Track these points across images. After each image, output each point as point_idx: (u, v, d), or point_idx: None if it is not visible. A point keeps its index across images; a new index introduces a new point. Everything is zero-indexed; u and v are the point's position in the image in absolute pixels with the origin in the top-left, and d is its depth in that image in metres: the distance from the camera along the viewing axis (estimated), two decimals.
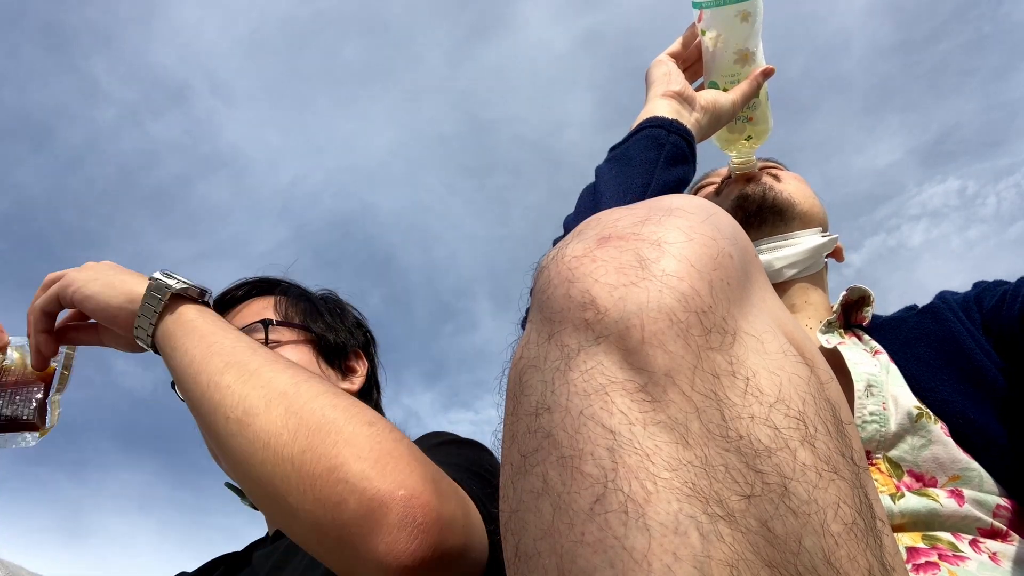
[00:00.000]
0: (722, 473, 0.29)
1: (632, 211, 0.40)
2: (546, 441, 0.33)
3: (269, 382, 0.55)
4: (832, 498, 0.30)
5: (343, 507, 0.47)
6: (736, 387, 0.32)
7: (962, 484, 0.60)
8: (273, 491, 0.50)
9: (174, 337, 0.61)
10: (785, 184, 0.89)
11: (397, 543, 0.46)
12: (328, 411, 0.52)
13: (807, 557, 0.28)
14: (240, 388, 0.54)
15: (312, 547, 0.50)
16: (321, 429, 0.51)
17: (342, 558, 0.48)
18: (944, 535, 0.57)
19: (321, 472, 0.49)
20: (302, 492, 0.48)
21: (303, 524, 0.49)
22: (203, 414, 0.56)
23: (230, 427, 0.53)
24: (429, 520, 0.48)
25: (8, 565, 0.74)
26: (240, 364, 0.57)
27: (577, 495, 0.30)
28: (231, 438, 0.53)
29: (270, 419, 0.52)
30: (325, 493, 0.48)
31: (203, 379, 0.56)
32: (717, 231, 0.37)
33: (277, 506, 0.50)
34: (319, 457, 0.49)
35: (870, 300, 0.81)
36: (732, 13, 0.79)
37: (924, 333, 0.73)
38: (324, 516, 0.47)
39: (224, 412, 0.54)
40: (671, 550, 0.28)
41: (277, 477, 0.49)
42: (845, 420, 0.35)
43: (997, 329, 0.69)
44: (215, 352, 0.58)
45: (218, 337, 0.60)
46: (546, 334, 0.36)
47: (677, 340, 0.32)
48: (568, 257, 0.37)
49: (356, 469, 0.48)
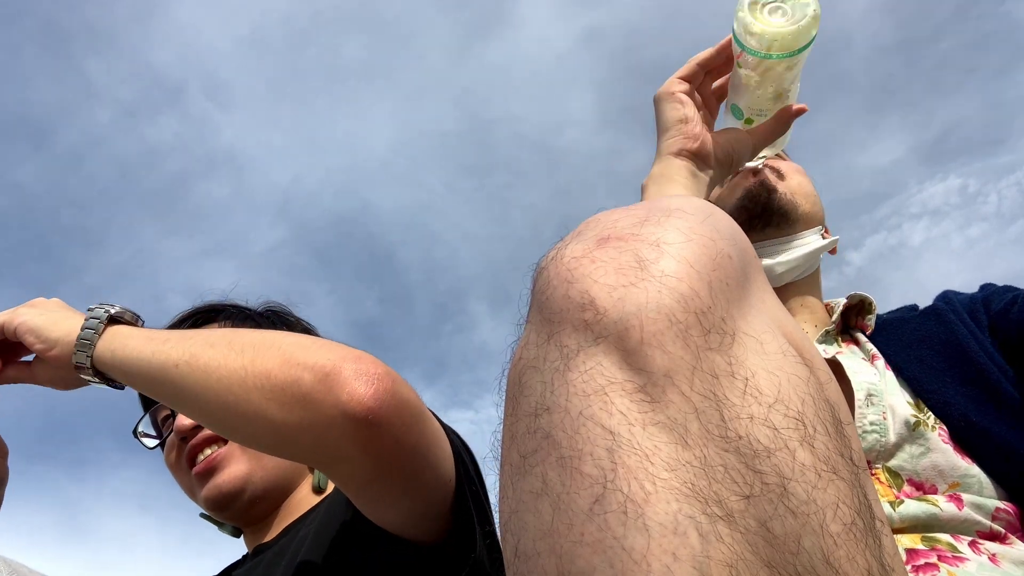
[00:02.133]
0: (721, 473, 0.30)
1: (631, 212, 0.40)
2: (545, 442, 0.33)
3: (209, 335, 0.61)
4: (831, 498, 0.30)
5: (300, 383, 0.53)
6: (735, 387, 0.32)
7: (962, 490, 0.60)
8: (234, 401, 0.55)
9: (114, 344, 0.67)
10: (789, 181, 0.87)
11: (356, 390, 0.53)
12: (264, 335, 0.60)
13: (806, 557, 0.28)
14: (182, 344, 0.61)
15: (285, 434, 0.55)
16: (262, 343, 0.58)
17: (313, 426, 0.53)
18: (943, 536, 0.57)
19: (273, 367, 0.55)
20: (260, 388, 0.54)
21: (274, 417, 0.54)
22: (156, 379, 0.61)
23: (181, 371, 0.58)
24: (380, 372, 0.55)
25: (10, 563, 0.74)
26: (179, 334, 0.63)
27: (576, 495, 0.31)
28: (184, 379, 0.58)
29: (216, 352, 0.58)
30: (281, 379, 0.54)
31: (147, 352, 0.62)
32: (716, 232, 0.37)
33: (245, 415, 0.55)
34: (267, 358, 0.56)
35: (872, 308, 0.80)
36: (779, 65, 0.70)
37: (926, 335, 0.72)
38: (286, 398, 0.53)
39: (172, 364, 0.59)
40: (670, 550, 0.28)
41: (235, 387, 0.55)
42: (844, 420, 0.35)
43: (1004, 333, 0.69)
44: (155, 337, 0.64)
45: (156, 333, 0.67)
46: (545, 335, 0.36)
47: (676, 341, 0.32)
48: (567, 258, 0.37)
49: (302, 354, 0.55)
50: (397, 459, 0.55)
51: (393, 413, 0.54)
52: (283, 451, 0.59)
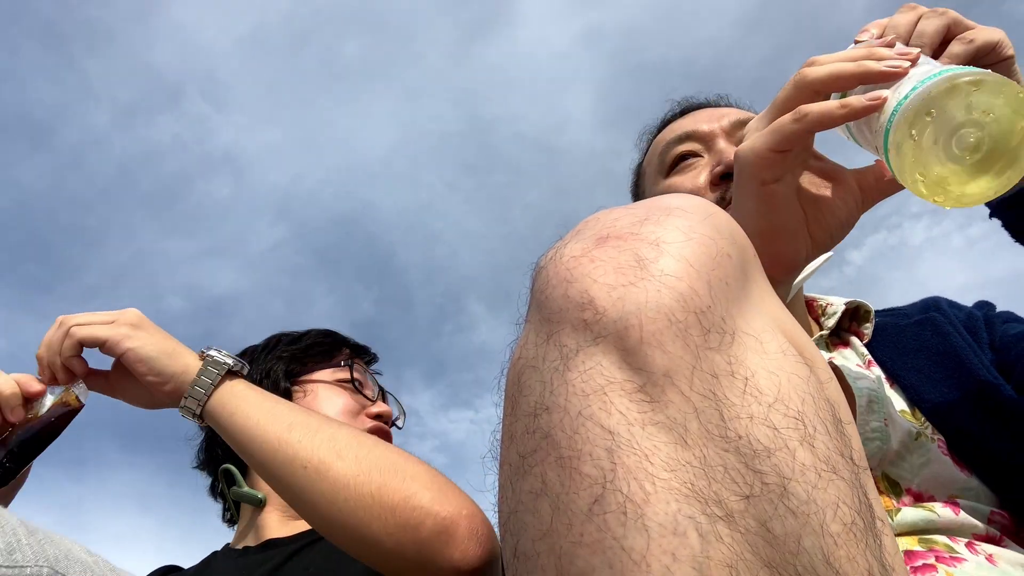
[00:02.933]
0: (721, 473, 0.29)
1: (631, 211, 0.39)
2: (544, 442, 0.33)
3: (333, 436, 0.66)
4: (831, 498, 0.30)
5: (421, 528, 0.60)
6: (735, 387, 0.32)
7: (960, 499, 0.60)
8: (357, 523, 0.61)
9: (231, 405, 0.70)
10: None
11: (468, 551, 0.60)
12: (389, 455, 0.65)
13: (806, 557, 0.28)
14: (310, 442, 0.65)
15: (392, 565, 0.61)
16: (389, 469, 0.63)
17: (421, 569, 0.60)
18: (940, 538, 0.57)
19: (398, 502, 0.61)
20: (383, 520, 0.60)
21: (386, 547, 0.60)
22: (276, 466, 0.65)
23: (309, 475, 0.63)
24: (485, 532, 0.62)
25: (29, 525, 0.72)
26: (302, 423, 0.67)
27: (576, 496, 0.30)
28: (312, 484, 0.62)
29: (345, 465, 0.63)
30: (404, 518, 0.60)
31: (272, 437, 0.66)
32: (716, 231, 0.37)
33: (360, 537, 0.61)
34: (394, 490, 0.61)
35: (869, 316, 0.78)
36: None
37: (923, 345, 0.72)
38: (404, 537, 0.60)
39: (300, 463, 0.63)
40: (670, 551, 0.28)
41: (360, 511, 0.61)
42: (844, 420, 0.35)
43: (1009, 358, 0.68)
44: (275, 415, 0.68)
45: (271, 403, 0.70)
46: (544, 334, 0.36)
47: (676, 340, 0.32)
48: (566, 257, 0.37)
49: (426, 497, 0.61)
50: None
51: (488, 565, 0.62)
52: (378, 568, 0.64)
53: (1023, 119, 0.43)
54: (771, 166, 0.51)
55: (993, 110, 0.43)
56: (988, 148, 0.44)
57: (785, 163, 0.51)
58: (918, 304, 0.82)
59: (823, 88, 0.50)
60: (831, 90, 0.51)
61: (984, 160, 0.45)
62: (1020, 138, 0.43)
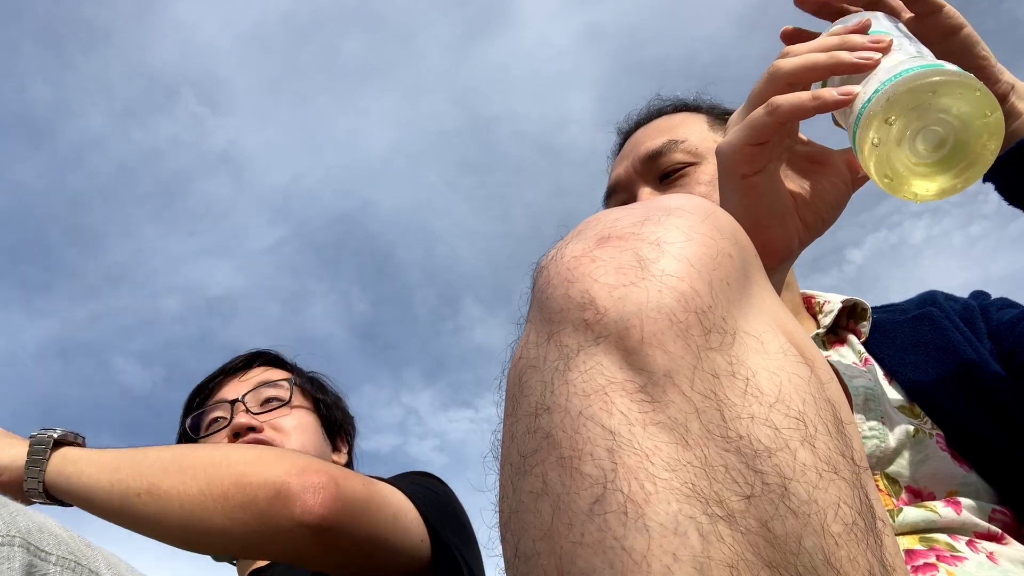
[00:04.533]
0: (722, 473, 0.29)
1: (631, 211, 0.39)
2: (545, 442, 0.33)
3: (158, 458, 0.67)
4: (832, 498, 0.30)
5: (256, 502, 0.61)
6: (736, 387, 0.32)
7: (960, 495, 0.60)
8: (200, 523, 0.62)
9: (66, 471, 0.70)
10: None
11: (306, 503, 0.61)
12: (214, 452, 0.67)
13: (807, 558, 0.28)
14: (137, 472, 0.66)
15: (251, 546, 0.63)
16: (212, 463, 0.64)
17: (275, 537, 0.61)
18: (941, 537, 0.57)
19: (228, 487, 0.62)
20: (222, 510, 0.61)
21: (237, 533, 0.61)
22: (117, 508, 0.66)
23: (144, 501, 0.64)
24: (323, 480, 0.62)
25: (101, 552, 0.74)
26: (128, 460, 0.68)
27: (576, 496, 0.30)
28: (149, 508, 0.63)
29: (172, 478, 0.64)
30: (238, 500, 0.61)
31: (104, 483, 0.67)
32: (717, 231, 0.37)
33: (211, 534, 0.62)
34: (221, 479, 0.62)
35: (867, 314, 0.78)
36: None
37: (921, 340, 0.72)
38: (247, 516, 0.61)
39: (134, 493, 0.64)
40: (671, 551, 0.28)
41: (198, 510, 0.62)
42: (845, 420, 0.35)
43: (1007, 343, 0.68)
44: (104, 464, 0.69)
45: (102, 456, 0.71)
46: (545, 334, 0.36)
47: (677, 340, 0.32)
48: (567, 257, 0.37)
49: (253, 472, 0.63)
50: (357, 548, 0.64)
51: (343, 512, 0.62)
52: (252, 556, 0.66)
53: (981, 117, 0.45)
54: (749, 160, 0.51)
55: (951, 109, 0.45)
56: (951, 146, 0.46)
57: (764, 155, 0.51)
58: (915, 299, 0.82)
59: (795, 80, 0.50)
60: (804, 81, 0.51)
61: (947, 158, 0.47)
62: (980, 134, 0.46)
